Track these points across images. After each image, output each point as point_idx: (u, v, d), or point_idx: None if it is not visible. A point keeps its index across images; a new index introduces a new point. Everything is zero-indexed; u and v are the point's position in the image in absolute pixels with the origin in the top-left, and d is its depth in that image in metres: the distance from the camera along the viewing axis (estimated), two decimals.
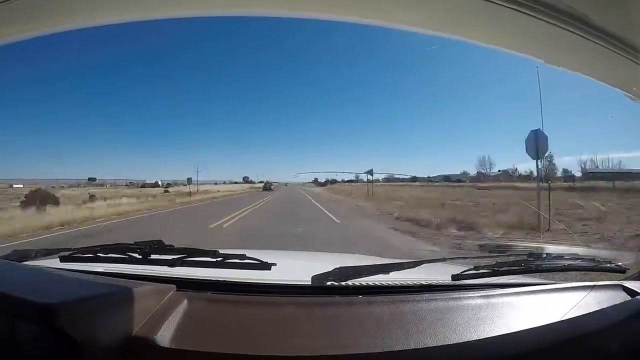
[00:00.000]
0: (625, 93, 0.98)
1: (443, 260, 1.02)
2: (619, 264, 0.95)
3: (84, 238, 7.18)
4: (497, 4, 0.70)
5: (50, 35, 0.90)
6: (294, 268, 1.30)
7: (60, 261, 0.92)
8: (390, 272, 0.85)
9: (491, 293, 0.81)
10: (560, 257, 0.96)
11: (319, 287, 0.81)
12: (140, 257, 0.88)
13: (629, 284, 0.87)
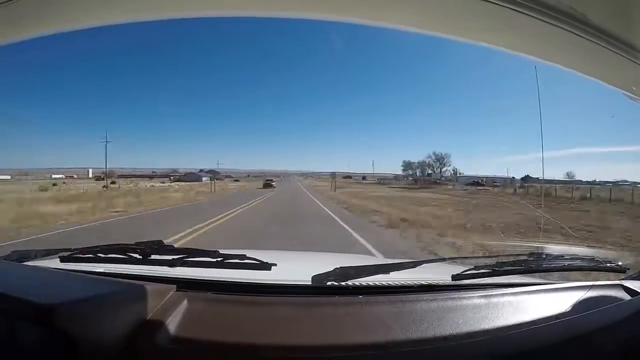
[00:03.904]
0: (625, 92, 0.98)
1: (443, 260, 1.03)
2: (619, 263, 0.95)
3: None
4: (497, 4, 0.70)
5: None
6: (294, 268, 1.30)
7: (60, 261, 0.92)
8: (390, 272, 0.85)
9: (491, 293, 0.81)
10: (560, 257, 0.96)
11: (319, 287, 0.81)
12: (141, 257, 0.88)
13: (629, 284, 0.87)
